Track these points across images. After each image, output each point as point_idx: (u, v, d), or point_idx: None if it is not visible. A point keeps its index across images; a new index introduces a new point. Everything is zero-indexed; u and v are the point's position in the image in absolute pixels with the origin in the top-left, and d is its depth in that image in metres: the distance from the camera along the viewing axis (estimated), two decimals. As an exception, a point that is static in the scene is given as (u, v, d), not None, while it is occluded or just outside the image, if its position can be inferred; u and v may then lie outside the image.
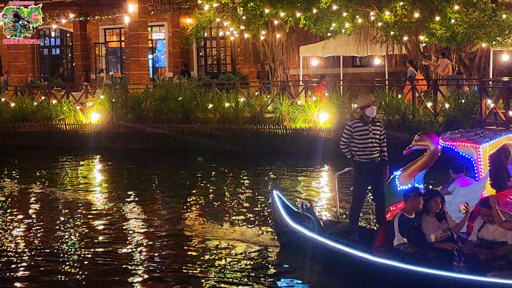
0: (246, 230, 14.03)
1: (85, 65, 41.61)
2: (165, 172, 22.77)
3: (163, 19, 38.99)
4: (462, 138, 13.01)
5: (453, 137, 13.15)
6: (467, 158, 13.02)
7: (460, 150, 12.98)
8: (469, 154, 12.95)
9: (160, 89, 29.05)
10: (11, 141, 29.28)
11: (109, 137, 27.71)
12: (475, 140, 12.87)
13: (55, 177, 22.20)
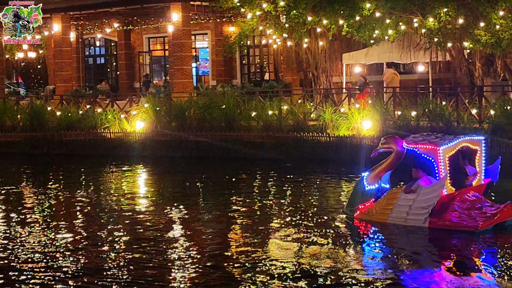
0: (288, 238, 14.04)
1: (129, 74, 41.95)
2: (209, 180, 22.83)
3: (206, 28, 39.17)
4: (424, 141, 14.41)
5: (415, 140, 14.63)
6: (429, 159, 14.29)
7: (422, 152, 14.34)
8: (430, 156, 14.23)
9: (203, 97, 29.16)
10: (57, 149, 29.63)
11: (153, 145, 27.91)
12: (435, 142, 14.25)
13: (100, 185, 22.43)
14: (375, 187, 15.13)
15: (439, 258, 12.90)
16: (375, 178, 15.11)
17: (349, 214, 15.46)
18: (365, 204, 15.14)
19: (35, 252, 13.44)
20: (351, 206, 15.53)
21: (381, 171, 15.10)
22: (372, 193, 15.15)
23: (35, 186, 22.76)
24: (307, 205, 17.61)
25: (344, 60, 31.78)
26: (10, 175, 25.34)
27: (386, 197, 14.80)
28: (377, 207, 14.88)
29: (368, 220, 14.96)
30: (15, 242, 14.35)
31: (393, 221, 14.55)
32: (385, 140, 15.21)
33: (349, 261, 12.43)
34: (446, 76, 30.65)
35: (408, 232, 14.27)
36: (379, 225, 14.70)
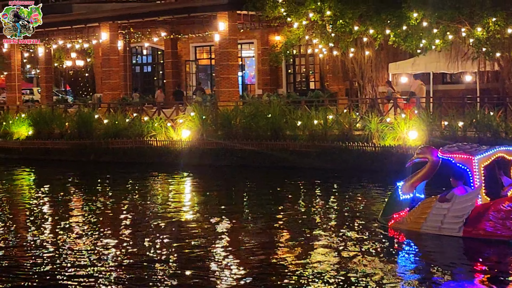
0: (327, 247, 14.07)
1: (176, 82, 42.27)
2: (254, 188, 22.92)
3: (252, 37, 39.32)
4: (459, 151, 14.61)
5: (451, 150, 14.90)
6: (464, 169, 14.48)
7: (457, 162, 14.52)
8: (465, 165, 14.42)
9: (249, 106, 29.23)
10: (104, 156, 29.93)
11: (199, 153, 28.03)
12: (470, 152, 14.47)
13: (145, 192, 22.60)
14: (410, 197, 15.21)
15: (473, 268, 12.85)
16: (410, 187, 15.21)
17: (384, 223, 15.55)
18: (399, 213, 15.23)
19: (81, 259, 13.58)
20: (385, 215, 15.65)
21: (416, 180, 15.20)
22: (407, 203, 15.22)
23: (82, 193, 23.02)
24: (349, 214, 17.60)
25: (390, 70, 31.64)
26: (57, 182, 25.68)
27: (421, 206, 14.89)
28: (412, 216, 14.96)
29: (403, 229, 15.00)
30: (62, 248, 14.53)
31: (427, 230, 14.60)
32: (421, 150, 15.45)
33: (383, 270, 12.37)
34: (494, 86, 30.33)
35: (442, 241, 14.25)
36: (413, 234, 14.74)
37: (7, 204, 20.77)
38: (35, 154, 31.68)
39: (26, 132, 33.00)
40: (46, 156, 31.24)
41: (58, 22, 37.56)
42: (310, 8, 29.24)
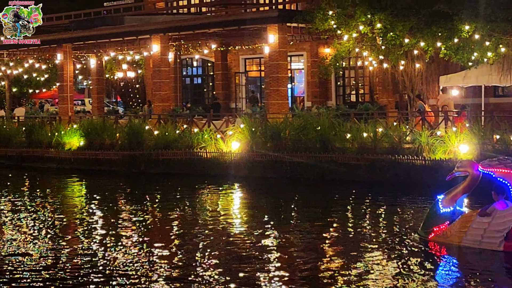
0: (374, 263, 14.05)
1: (226, 94, 42.51)
2: (303, 201, 22.92)
3: (302, 49, 39.39)
4: (500, 165, 14.61)
5: (491, 164, 14.81)
6: (504, 183, 14.49)
7: (498, 176, 14.55)
8: (506, 179, 14.43)
9: (299, 118, 29.25)
10: (154, 168, 30.15)
11: (248, 165, 28.11)
12: (511, 166, 14.49)
13: (195, 203, 22.75)
14: (450, 210, 15.21)
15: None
16: (451, 201, 15.24)
17: (424, 236, 15.57)
18: (439, 226, 15.24)
19: (130, 270, 13.73)
20: (426, 228, 15.67)
21: (456, 194, 15.23)
22: (447, 216, 15.22)
23: (131, 204, 23.22)
24: (395, 228, 17.54)
25: (441, 83, 31.41)
26: (108, 192, 25.96)
27: (461, 220, 14.90)
28: (452, 229, 14.97)
29: (443, 243, 15.01)
30: (111, 259, 14.70)
31: (467, 244, 14.59)
32: (461, 164, 15.54)
33: (423, 283, 12.39)
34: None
35: (482, 255, 14.20)
36: (453, 247, 14.74)
37: (58, 214, 21.07)
38: (86, 165, 32.07)
39: (77, 143, 33.41)
40: (97, 167, 31.60)
41: (110, 34, 38.04)
42: (360, 21, 29.21)
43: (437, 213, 15.39)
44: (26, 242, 16.81)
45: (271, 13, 32.60)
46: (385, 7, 28.41)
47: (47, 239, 17.15)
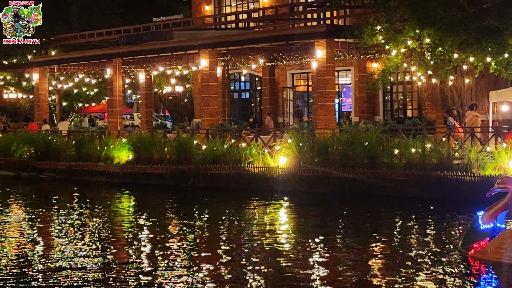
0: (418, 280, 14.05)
1: (273, 109, 42.61)
2: (350, 217, 22.85)
3: (349, 64, 39.36)
4: None
5: None
6: None
7: None
8: None
9: (346, 133, 29.19)
10: (202, 182, 30.30)
11: (295, 180, 28.11)
12: None
13: (242, 218, 22.82)
14: (490, 226, 15.18)
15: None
16: (491, 217, 15.23)
17: (464, 253, 15.55)
18: (479, 242, 15.20)
19: (177, 284, 13.84)
20: (465, 245, 15.65)
21: (496, 210, 15.23)
22: (487, 232, 15.18)
23: (179, 218, 23.40)
24: (441, 244, 17.43)
25: (491, 98, 31.09)
26: (156, 207, 26.17)
27: (501, 237, 14.86)
28: (492, 246, 14.92)
29: (482, 259, 14.98)
30: (158, 274, 14.84)
31: (507, 261, 14.52)
32: (501, 180, 15.54)
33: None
34: None
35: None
36: (493, 264, 14.67)
37: (107, 228, 21.33)
38: (135, 179, 32.35)
39: (126, 157, 33.72)
40: (145, 181, 31.86)
41: (159, 49, 38.41)
42: (408, 36, 29.07)
43: (477, 230, 15.38)
44: (75, 255, 17.02)
45: (319, 29, 32.62)
46: (434, 22, 28.24)
47: (96, 252, 17.35)
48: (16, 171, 38.21)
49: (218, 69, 39.56)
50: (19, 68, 49.25)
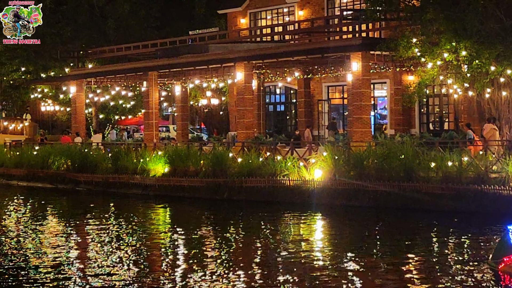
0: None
1: (308, 121, 42.59)
2: (386, 231, 22.74)
3: (385, 77, 39.25)
4: None
5: None
6: None
7: None
8: None
9: (382, 146, 29.07)
10: (237, 195, 30.34)
11: (330, 193, 28.04)
12: None
13: (277, 231, 22.83)
14: None
15: None
16: None
17: (494, 266, 15.47)
18: (510, 256, 15.12)
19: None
20: (496, 259, 15.56)
21: None
22: None
23: (215, 231, 23.47)
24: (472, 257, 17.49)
25: (529, 111, 30.82)
26: (191, 219, 26.28)
27: None
28: None
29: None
30: (192, 285, 14.89)
31: None
32: None
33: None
34: None
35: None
36: None
37: (143, 240, 21.46)
38: (171, 191, 32.48)
39: (162, 169, 33.88)
40: (181, 193, 31.99)
41: (195, 62, 38.62)
42: (445, 48, 28.93)
43: (507, 243, 15.32)
44: (112, 267, 17.15)
45: (354, 41, 32.59)
46: (471, 35, 28.08)
47: (132, 264, 17.47)
48: (53, 183, 38.61)
49: (254, 81, 39.65)
50: (56, 81, 49.77)
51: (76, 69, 46.82)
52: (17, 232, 23.38)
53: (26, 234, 22.95)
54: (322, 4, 43.00)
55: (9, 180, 41.95)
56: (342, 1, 42.36)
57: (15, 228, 24.47)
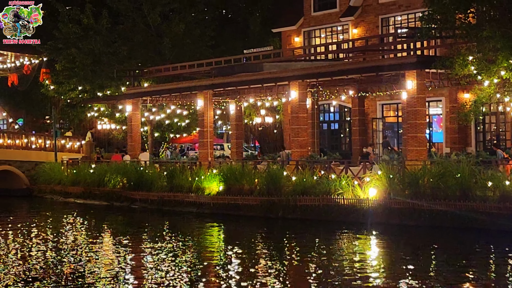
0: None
1: (362, 140, 42.43)
2: (442, 250, 22.50)
3: (440, 95, 38.93)
4: None
5: None
6: None
7: None
8: None
9: (437, 165, 28.79)
10: (292, 213, 30.34)
11: (385, 212, 27.87)
12: None
13: (331, 250, 22.78)
14: None
15: None
16: None
17: None
18: None
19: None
20: None
21: None
22: None
23: (269, 249, 23.49)
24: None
25: None
26: (246, 238, 26.33)
27: None
28: None
29: None
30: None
31: None
32: None
33: None
34: None
35: None
36: None
37: (197, 258, 21.59)
38: (225, 209, 32.63)
39: (217, 188, 34.05)
40: (235, 212, 32.10)
41: (250, 80, 38.78)
42: (502, 66, 28.62)
43: None
44: (167, 285, 17.27)
45: (409, 59, 32.39)
46: (528, 52, 27.78)
47: (187, 282, 17.57)
48: (109, 201, 39.09)
49: (308, 100, 39.64)
50: (113, 99, 50.39)
51: (132, 87, 47.35)
52: (74, 249, 23.70)
53: (82, 251, 23.25)
54: (377, 22, 42.93)
55: (66, 198, 42.59)
56: (397, 19, 42.23)
57: (72, 245, 24.80)
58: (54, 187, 44.31)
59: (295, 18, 47.79)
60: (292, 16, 48.44)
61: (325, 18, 46.02)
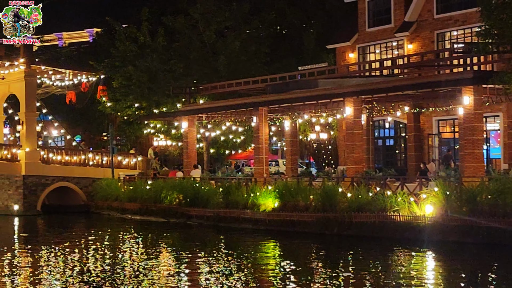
0: None
1: (418, 156, 42.10)
2: (501, 269, 22.18)
3: (498, 110, 38.46)
4: None
5: None
6: None
7: None
8: None
9: (495, 182, 28.41)
10: (347, 230, 30.23)
11: (442, 230, 27.56)
12: None
13: (387, 268, 22.65)
14: None
15: None
16: None
17: None
18: None
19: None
20: None
21: None
22: None
23: (325, 266, 23.46)
24: None
25: None
26: (301, 255, 26.38)
27: None
28: None
29: None
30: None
31: None
32: None
33: None
34: None
35: None
36: None
37: (253, 274, 21.65)
38: (281, 226, 32.66)
39: (272, 204, 34.10)
40: (291, 228, 32.11)
41: (305, 97, 38.82)
42: (560, 81, 28.24)
43: None
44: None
45: (466, 75, 32.11)
46: None
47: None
48: (166, 217, 39.43)
49: (363, 116, 39.50)
50: (169, 116, 50.87)
51: (188, 104, 47.73)
52: (132, 265, 23.96)
53: (140, 267, 23.47)
54: (432, 37, 42.66)
55: (123, 214, 43.08)
56: (453, 34, 41.92)
57: (129, 262, 25.09)
58: (111, 204, 44.86)
59: (350, 34, 47.76)
60: (346, 32, 48.42)
61: (379, 34, 45.90)
